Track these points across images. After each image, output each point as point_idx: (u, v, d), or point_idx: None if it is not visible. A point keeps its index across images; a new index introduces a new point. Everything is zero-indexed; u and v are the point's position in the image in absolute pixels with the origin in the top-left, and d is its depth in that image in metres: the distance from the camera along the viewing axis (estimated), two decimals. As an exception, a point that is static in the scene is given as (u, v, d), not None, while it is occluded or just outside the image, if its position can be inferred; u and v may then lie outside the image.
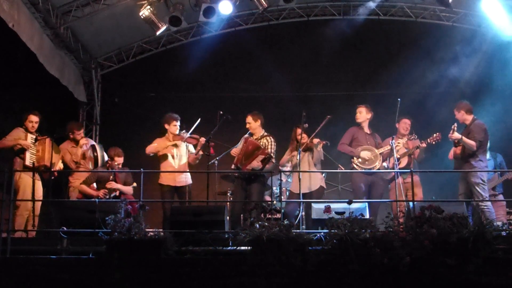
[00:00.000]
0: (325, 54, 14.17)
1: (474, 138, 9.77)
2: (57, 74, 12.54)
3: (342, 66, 14.27)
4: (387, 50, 14.16)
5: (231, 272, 6.81)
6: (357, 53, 14.59)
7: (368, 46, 14.56)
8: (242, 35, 14.60)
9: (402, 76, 13.65)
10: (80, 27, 12.98)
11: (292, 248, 6.74)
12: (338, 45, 14.02)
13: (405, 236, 6.82)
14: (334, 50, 14.09)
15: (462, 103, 10.25)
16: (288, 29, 14.68)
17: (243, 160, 10.11)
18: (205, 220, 8.17)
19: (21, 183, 9.81)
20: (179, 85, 14.40)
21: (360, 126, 10.69)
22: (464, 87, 13.65)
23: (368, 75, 14.45)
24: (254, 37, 14.44)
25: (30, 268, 7.09)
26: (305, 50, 14.55)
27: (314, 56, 14.39)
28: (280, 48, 14.75)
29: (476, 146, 9.74)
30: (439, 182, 11.87)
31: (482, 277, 6.61)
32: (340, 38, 13.90)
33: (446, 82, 13.75)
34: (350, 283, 6.65)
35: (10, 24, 10.37)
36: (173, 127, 10.74)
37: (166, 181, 10.55)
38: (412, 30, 14.15)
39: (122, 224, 7.15)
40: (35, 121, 10.21)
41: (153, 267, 6.89)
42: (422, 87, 13.91)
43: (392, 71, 13.63)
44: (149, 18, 12.38)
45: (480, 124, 10.02)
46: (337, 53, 14.26)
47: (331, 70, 13.99)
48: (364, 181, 10.28)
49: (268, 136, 10.53)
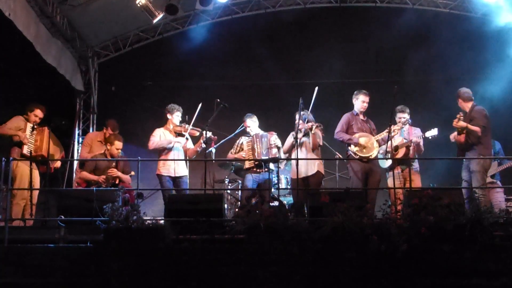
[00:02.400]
0: (321, 42, 14.16)
1: (478, 124, 9.77)
2: (54, 63, 12.53)
3: (338, 53, 14.22)
4: (384, 37, 14.12)
5: (228, 260, 6.83)
6: (353, 40, 14.57)
7: (364, 34, 14.53)
8: (239, 23, 14.59)
9: (398, 64, 13.65)
10: (77, 16, 12.94)
11: (289, 236, 6.76)
12: (335, 33, 14.00)
13: (402, 223, 6.83)
14: (331, 37, 14.08)
15: (461, 91, 10.24)
16: (285, 17, 14.64)
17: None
18: (203, 208, 8.17)
19: (18, 172, 9.80)
20: (176, 74, 14.40)
21: (355, 113, 10.64)
22: (461, 74, 13.63)
23: (364, 62, 14.45)
24: (251, 25, 14.42)
25: (27, 256, 7.10)
26: (302, 38, 14.54)
27: (310, 44, 14.37)
28: (277, 36, 14.72)
29: (480, 132, 9.75)
30: (442, 171, 11.90)
31: (479, 264, 6.63)
32: (337, 25, 13.88)
33: (443, 69, 13.75)
34: (347, 270, 6.67)
35: (7, 13, 10.35)
36: (175, 118, 10.80)
37: (164, 172, 10.58)
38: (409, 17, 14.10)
39: (119, 212, 7.16)
40: (40, 116, 10.20)
41: (151, 255, 6.90)
42: (418, 74, 13.91)
43: (388, 59, 13.62)
44: (146, 6, 12.36)
45: (480, 109, 10.01)
46: (333, 40, 14.25)
47: (327, 57, 13.95)
48: (362, 169, 10.27)
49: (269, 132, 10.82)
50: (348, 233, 6.67)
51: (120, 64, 14.76)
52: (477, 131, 9.75)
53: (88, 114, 14.80)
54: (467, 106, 10.09)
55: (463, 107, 10.12)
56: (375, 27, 14.31)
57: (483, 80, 12.89)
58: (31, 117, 10.12)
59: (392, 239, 6.64)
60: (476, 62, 13.45)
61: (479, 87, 11.86)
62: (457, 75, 13.63)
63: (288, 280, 6.70)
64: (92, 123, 14.78)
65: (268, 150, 10.65)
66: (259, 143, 10.71)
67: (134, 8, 12.46)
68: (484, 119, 9.88)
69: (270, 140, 10.72)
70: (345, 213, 6.85)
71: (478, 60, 13.37)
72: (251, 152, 10.75)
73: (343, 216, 6.82)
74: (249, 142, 10.86)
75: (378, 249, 6.60)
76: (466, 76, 13.51)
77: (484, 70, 13.40)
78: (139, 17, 13.06)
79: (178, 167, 10.64)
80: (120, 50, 14.82)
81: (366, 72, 14.17)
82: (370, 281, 6.67)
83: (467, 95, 10.15)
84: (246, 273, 6.75)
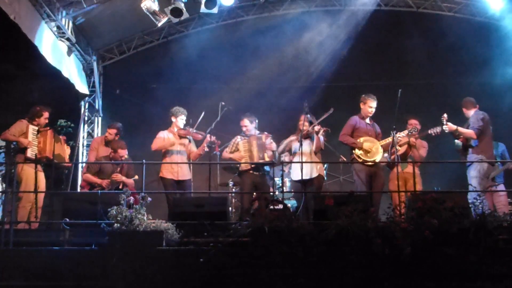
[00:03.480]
0: (326, 45, 14.16)
1: (472, 128, 9.79)
2: (58, 66, 12.55)
3: (343, 56, 14.24)
4: (388, 40, 14.13)
5: (233, 263, 6.83)
6: (359, 43, 14.57)
7: (369, 37, 14.54)
8: (244, 26, 14.59)
9: (403, 67, 13.66)
10: (82, 19, 12.96)
11: (293, 239, 6.76)
12: (340, 36, 14.00)
13: (406, 226, 6.83)
14: (336, 40, 14.08)
15: (464, 100, 10.28)
16: (290, 20, 14.65)
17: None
18: (208, 211, 8.19)
19: (24, 175, 9.81)
20: (180, 77, 14.39)
21: (361, 116, 10.64)
22: (466, 78, 13.63)
23: (370, 66, 14.44)
24: (256, 28, 14.43)
25: (32, 259, 7.11)
26: (307, 41, 14.53)
27: (316, 47, 14.38)
28: (282, 39, 14.72)
29: (476, 134, 9.75)
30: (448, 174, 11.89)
31: (483, 267, 6.63)
32: (342, 28, 13.89)
33: (447, 73, 13.75)
34: (351, 273, 6.68)
35: (12, 16, 10.37)
36: (180, 121, 10.82)
37: (167, 175, 10.59)
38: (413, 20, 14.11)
39: (124, 215, 7.17)
40: (47, 116, 10.25)
41: (155, 258, 6.92)
42: (423, 78, 13.90)
43: (393, 62, 13.62)
44: (151, 10, 12.37)
45: (477, 113, 10.03)
46: (338, 43, 14.25)
47: (332, 61, 13.96)
48: (366, 172, 10.25)
49: (263, 133, 10.86)
50: (352, 236, 6.68)
51: (125, 67, 14.79)
52: (470, 134, 9.77)
53: (93, 117, 14.83)
54: (470, 114, 10.12)
55: (467, 115, 10.14)
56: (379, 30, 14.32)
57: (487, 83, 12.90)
58: (41, 121, 10.14)
59: (396, 242, 6.64)
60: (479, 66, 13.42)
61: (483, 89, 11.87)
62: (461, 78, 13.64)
63: (293, 282, 6.70)
64: (97, 126, 14.81)
65: (263, 154, 10.61)
66: (255, 146, 10.64)
67: (139, 11, 12.47)
68: (479, 122, 9.88)
69: (265, 142, 10.68)
70: (349, 216, 6.86)
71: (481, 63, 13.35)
72: (247, 154, 10.69)
73: (347, 219, 6.83)
74: (245, 143, 10.78)
75: (382, 252, 6.61)
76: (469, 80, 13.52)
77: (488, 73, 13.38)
78: (143, 20, 13.07)
79: (182, 171, 10.65)
80: (125, 53, 14.86)
81: (372, 75, 14.16)
82: (374, 284, 6.68)
83: (469, 103, 10.18)
84: (250, 275, 6.76)
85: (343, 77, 14.05)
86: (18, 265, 7.12)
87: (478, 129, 9.81)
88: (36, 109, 10.19)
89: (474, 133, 9.77)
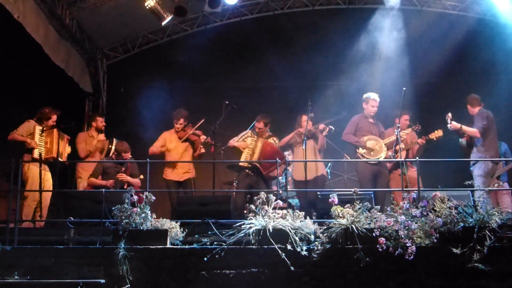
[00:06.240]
0: (330, 44, 14.14)
1: (476, 126, 9.78)
2: (62, 65, 12.58)
3: (347, 55, 14.22)
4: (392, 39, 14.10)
5: (237, 262, 6.84)
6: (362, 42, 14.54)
7: (373, 35, 14.50)
8: (247, 25, 14.59)
9: (406, 65, 13.62)
10: (86, 18, 13.00)
11: (297, 237, 6.77)
12: (344, 35, 13.98)
13: (410, 225, 6.83)
14: (339, 39, 14.05)
15: (469, 97, 10.27)
16: (293, 18, 14.64)
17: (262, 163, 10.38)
18: (211, 210, 8.20)
19: (30, 174, 9.85)
20: (184, 75, 14.41)
21: (364, 115, 10.64)
22: (469, 76, 13.62)
23: (374, 64, 14.41)
24: (259, 27, 14.43)
25: (37, 258, 7.12)
26: (310, 40, 14.52)
27: (319, 46, 14.36)
28: (285, 38, 14.72)
29: (480, 133, 9.74)
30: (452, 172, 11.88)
31: (487, 265, 6.62)
32: (346, 27, 13.87)
33: (451, 71, 13.73)
34: (355, 272, 6.68)
35: (16, 16, 10.39)
36: (178, 125, 10.86)
37: (170, 177, 10.65)
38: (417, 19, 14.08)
39: (128, 214, 7.18)
40: (55, 119, 10.29)
41: (159, 256, 6.92)
42: (427, 76, 13.89)
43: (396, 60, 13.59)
44: (154, 9, 12.38)
45: (481, 111, 10.03)
46: (342, 42, 14.22)
47: (336, 59, 13.94)
48: (370, 171, 10.26)
49: (273, 136, 10.78)
50: (357, 235, 6.69)
51: (129, 66, 14.81)
52: (474, 133, 9.75)
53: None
54: (474, 111, 10.11)
55: (472, 112, 10.13)
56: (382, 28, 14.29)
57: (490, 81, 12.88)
58: (48, 123, 10.17)
59: (400, 241, 6.64)
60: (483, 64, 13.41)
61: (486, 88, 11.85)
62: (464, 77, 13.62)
63: (297, 281, 6.71)
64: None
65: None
66: (259, 148, 10.60)
67: (143, 10, 12.48)
68: (484, 121, 9.87)
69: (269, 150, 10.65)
70: (354, 215, 6.87)
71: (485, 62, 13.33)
72: (250, 152, 10.67)
73: (351, 218, 6.84)
74: (252, 141, 10.76)
75: (386, 250, 6.62)
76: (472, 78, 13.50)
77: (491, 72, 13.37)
78: (148, 19, 13.10)
79: (183, 171, 10.71)
80: (129, 51, 14.87)
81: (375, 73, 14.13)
82: (378, 283, 6.68)
83: (474, 99, 10.16)
84: (254, 274, 6.76)
85: (347, 76, 14.01)
86: (22, 264, 7.13)
87: (483, 127, 9.80)
88: (45, 111, 10.23)
89: (478, 131, 9.76)
